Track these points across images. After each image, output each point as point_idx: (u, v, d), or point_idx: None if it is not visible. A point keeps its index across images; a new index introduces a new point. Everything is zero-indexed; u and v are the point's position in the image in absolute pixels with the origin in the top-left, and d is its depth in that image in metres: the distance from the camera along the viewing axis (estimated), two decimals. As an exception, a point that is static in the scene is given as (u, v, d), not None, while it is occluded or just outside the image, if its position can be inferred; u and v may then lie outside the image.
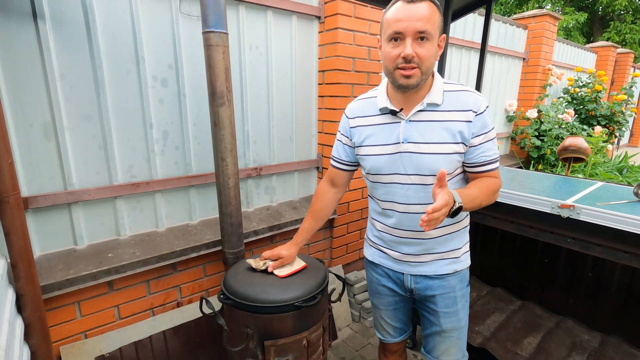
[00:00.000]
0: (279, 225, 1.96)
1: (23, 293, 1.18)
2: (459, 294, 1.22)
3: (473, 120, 1.03)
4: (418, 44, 0.94)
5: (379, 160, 1.12)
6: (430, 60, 0.98)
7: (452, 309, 1.21)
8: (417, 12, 0.92)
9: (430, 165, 1.05)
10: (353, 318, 2.38)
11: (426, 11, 0.92)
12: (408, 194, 1.11)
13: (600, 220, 1.35)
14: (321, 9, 2.07)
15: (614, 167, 4.05)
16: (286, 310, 1.19)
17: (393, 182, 1.12)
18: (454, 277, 1.20)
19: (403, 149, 1.07)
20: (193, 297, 1.80)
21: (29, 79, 1.32)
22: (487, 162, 1.08)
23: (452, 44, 3.10)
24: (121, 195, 1.58)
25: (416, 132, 1.06)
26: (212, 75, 1.41)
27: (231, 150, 1.50)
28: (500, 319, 1.90)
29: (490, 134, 1.07)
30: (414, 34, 0.93)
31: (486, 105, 1.05)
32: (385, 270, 1.28)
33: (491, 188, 1.08)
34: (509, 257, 2.13)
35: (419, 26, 0.92)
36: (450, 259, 1.19)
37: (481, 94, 1.08)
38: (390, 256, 1.23)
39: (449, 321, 1.22)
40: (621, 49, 6.53)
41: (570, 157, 2.09)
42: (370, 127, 1.14)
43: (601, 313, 1.79)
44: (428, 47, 0.95)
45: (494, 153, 1.08)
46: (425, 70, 0.98)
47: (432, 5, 0.94)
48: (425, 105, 1.05)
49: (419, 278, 1.21)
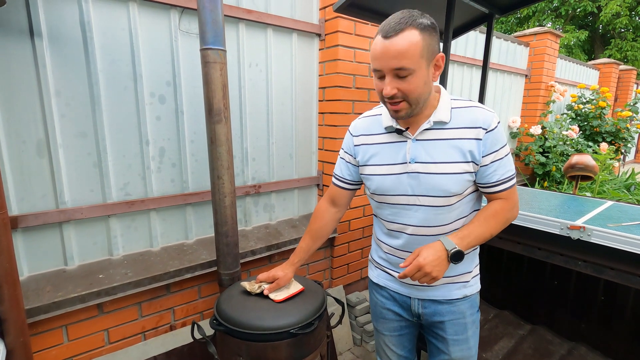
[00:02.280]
0: (278, 244, 1.90)
1: (6, 317, 1.13)
2: (469, 320, 1.15)
3: (483, 138, 0.98)
4: (399, 79, 0.91)
5: (385, 181, 1.07)
6: (418, 90, 0.93)
7: (462, 336, 1.15)
8: (391, 49, 0.87)
9: (439, 186, 1.01)
10: (354, 342, 2.29)
11: (403, 45, 0.86)
12: (417, 216, 1.06)
13: (613, 243, 1.28)
14: (322, 26, 2.07)
15: (622, 185, 3.97)
16: (281, 338, 1.12)
17: (400, 203, 1.07)
18: (464, 302, 1.14)
19: (410, 169, 1.03)
20: (187, 320, 1.73)
21: (23, 96, 1.30)
22: (499, 182, 1.02)
23: (453, 60, 3.09)
24: (115, 214, 1.53)
25: (423, 152, 1.01)
26: (210, 92, 1.39)
27: (228, 167, 1.47)
28: (509, 345, 1.80)
29: (501, 151, 1.00)
30: (392, 71, 0.90)
31: (497, 122, 1.00)
32: (391, 293, 1.21)
33: (500, 216, 1.02)
34: (516, 279, 2.04)
35: (395, 64, 0.88)
36: (460, 283, 1.13)
37: (492, 109, 1.02)
38: (396, 279, 1.18)
39: (458, 349, 1.15)
40: (624, 66, 6.54)
41: (577, 175, 2.03)
42: (376, 146, 1.10)
43: (616, 339, 1.70)
44: (411, 81, 0.90)
45: (508, 171, 1.02)
46: (414, 100, 0.94)
47: (412, 33, 0.87)
48: (432, 124, 1.00)
49: (427, 302, 1.15)
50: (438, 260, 0.91)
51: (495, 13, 1.83)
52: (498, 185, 1.02)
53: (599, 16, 10.69)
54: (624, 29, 11.44)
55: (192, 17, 1.63)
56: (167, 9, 1.56)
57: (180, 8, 1.59)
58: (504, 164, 1.01)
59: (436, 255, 0.91)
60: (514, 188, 1.05)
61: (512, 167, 1.03)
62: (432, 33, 0.90)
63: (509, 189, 1.03)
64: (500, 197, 1.04)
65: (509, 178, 1.02)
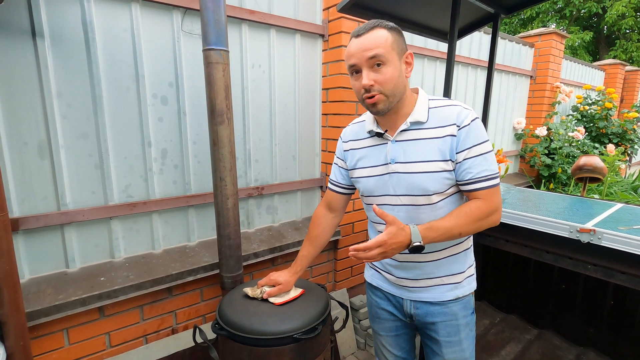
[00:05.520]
0: (281, 247, 1.88)
1: (6, 320, 1.11)
2: (462, 322, 1.14)
3: (457, 134, 0.97)
4: (374, 71, 0.96)
5: (369, 182, 1.11)
6: (393, 81, 0.96)
7: (454, 338, 1.14)
8: (365, 43, 0.95)
9: (419, 184, 1.01)
10: (358, 345, 2.26)
11: (375, 38, 0.94)
12: (399, 215, 1.05)
13: (624, 247, 1.25)
14: (325, 27, 2.05)
15: (629, 187, 3.92)
16: (284, 343, 1.10)
17: (384, 203, 1.10)
18: (457, 303, 1.13)
19: (392, 169, 1.05)
20: (189, 324, 1.71)
21: (25, 97, 1.29)
22: (473, 180, 0.98)
23: (458, 61, 3.07)
24: (117, 216, 1.52)
25: (402, 152, 1.04)
26: (212, 92, 1.37)
27: (230, 169, 1.45)
28: (516, 350, 1.77)
29: (476, 148, 0.96)
30: (367, 62, 0.95)
31: (472, 118, 0.97)
32: (384, 294, 1.23)
33: (473, 215, 0.97)
34: (523, 283, 2.01)
35: (369, 54, 0.94)
36: (452, 284, 1.12)
37: (470, 107, 1.01)
38: (388, 280, 1.19)
39: (451, 351, 1.14)
40: (630, 67, 6.46)
41: (585, 177, 1.99)
42: (362, 150, 1.14)
43: (626, 345, 1.66)
44: (385, 71, 0.95)
45: (484, 170, 0.97)
46: (390, 92, 0.97)
47: (382, 29, 0.95)
48: (409, 125, 1.03)
49: (419, 304, 1.15)
50: (399, 245, 0.93)
51: (500, 13, 1.81)
52: (472, 183, 0.98)
53: (604, 17, 10.61)
54: (629, 30, 11.34)
55: (194, 18, 1.62)
56: (170, 10, 1.55)
57: (183, 9, 1.58)
58: (479, 161, 0.97)
59: (398, 240, 0.92)
60: (494, 190, 0.99)
61: (490, 166, 0.98)
62: (399, 34, 0.98)
63: (486, 189, 0.98)
64: (477, 196, 0.99)
65: (485, 177, 0.97)
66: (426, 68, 2.75)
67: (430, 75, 2.81)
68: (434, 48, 2.73)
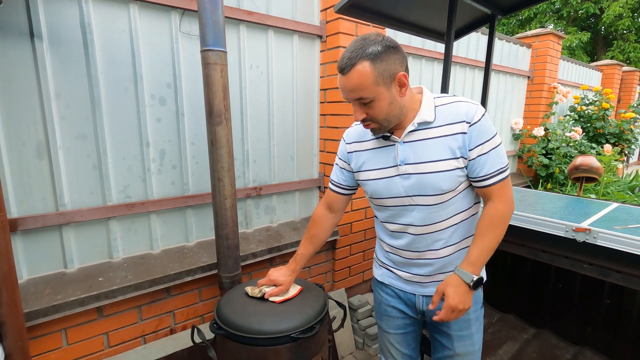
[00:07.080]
0: (279, 247, 1.89)
1: (4, 321, 1.12)
2: (472, 317, 1.15)
3: (467, 131, 0.97)
4: (364, 107, 0.97)
5: (378, 184, 1.10)
6: (383, 113, 0.97)
7: (466, 332, 1.15)
8: (348, 83, 0.94)
9: (432, 184, 1.01)
10: (356, 345, 2.26)
11: (356, 80, 0.92)
12: (414, 215, 1.07)
13: (619, 246, 1.26)
14: (323, 28, 2.06)
15: (626, 186, 3.94)
16: (282, 342, 1.10)
17: (396, 205, 1.09)
18: None
19: (402, 171, 1.05)
20: (187, 324, 1.71)
21: (23, 98, 1.29)
22: (488, 176, 1.00)
23: (455, 62, 3.08)
24: (115, 216, 1.52)
25: (412, 153, 1.03)
26: (210, 93, 1.38)
27: (228, 170, 1.46)
28: (514, 349, 1.78)
29: (488, 143, 0.98)
30: (355, 101, 0.98)
31: (481, 114, 0.98)
32: (395, 291, 1.23)
33: (497, 221, 1.00)
34: (520, 282, 2.02)
35: (354, 95, 0.96)
36: None
37: (475, 101, 1.01)
38: (400, 277, 1.19)
39: (462, 345, 1.16)
40: (627, 67, 6.49)
41: (582, 176, 2.01)
42: (367, 152, 1.13)
43: (622, 344, 1.67)
44: (374, 105, 0.96)
45: (497, 163, 0.99)
46: (384, 120, 0.99)
47: (364, 62, 0.90)
48: (416, 125, 1.02)
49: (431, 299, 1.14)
50: (463, 295, 0.97)
51: (497, 14, 1.82)
52: (488, 178, 1.00)
53: (602, 18, 10.65)
54: (626, 30, 11.39)
55: (192, 19, 1.63)
56: (168, 11, 1.56)
57: (181, 10, 1.58)
58: (492, 156, 0.99)
59: (459, 292, 0.97)
60: (506, 181, 1.02)
61: (502, 159, 1.00)
62: (385, 58, 0.91)
63: (501, 182, 1.00)
64: (492, 191, 1.01)
65: (499, 171, 0.99)
66: (424, 69, 2.76)
67: (428, 75, 2.82)
68: (431, 49, 2.74)
